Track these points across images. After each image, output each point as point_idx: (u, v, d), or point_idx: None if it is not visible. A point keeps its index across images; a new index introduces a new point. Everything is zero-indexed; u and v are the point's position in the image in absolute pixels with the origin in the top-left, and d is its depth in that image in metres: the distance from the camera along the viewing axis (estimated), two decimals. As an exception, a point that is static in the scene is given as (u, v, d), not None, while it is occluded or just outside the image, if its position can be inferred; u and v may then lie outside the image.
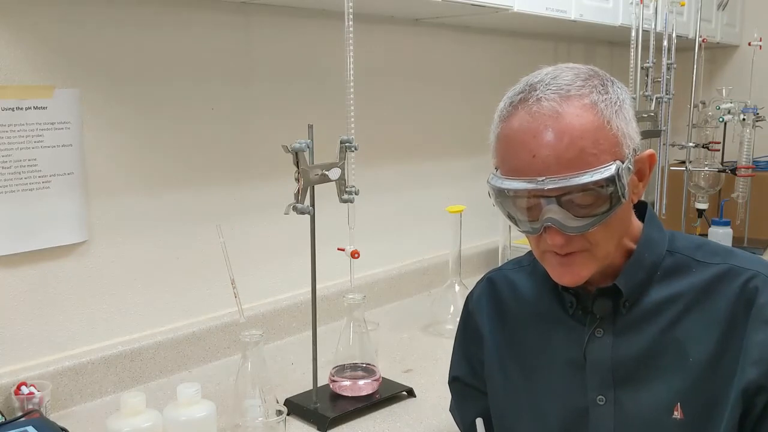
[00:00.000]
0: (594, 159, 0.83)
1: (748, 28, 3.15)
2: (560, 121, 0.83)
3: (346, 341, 1.50)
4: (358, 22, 1.41)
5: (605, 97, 0.85)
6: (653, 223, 0.96)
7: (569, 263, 0.89)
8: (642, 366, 0.91)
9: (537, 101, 0.85)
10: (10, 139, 1.37)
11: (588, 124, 0.83)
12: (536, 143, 0.84)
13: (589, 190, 0.83)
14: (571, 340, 0.96)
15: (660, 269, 0.93)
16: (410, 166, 2.24)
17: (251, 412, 1.27)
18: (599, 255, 0.89)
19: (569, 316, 0.97)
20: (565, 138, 0.83)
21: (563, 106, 0.84)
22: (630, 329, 0.92)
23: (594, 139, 0.83)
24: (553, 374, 0.97)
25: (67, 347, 1.50)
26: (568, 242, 0.86)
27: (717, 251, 0.94)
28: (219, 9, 1.69)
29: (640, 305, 0.92)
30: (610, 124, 0.84)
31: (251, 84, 1.78)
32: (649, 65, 2.35)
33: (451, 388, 1.14)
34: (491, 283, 1.09)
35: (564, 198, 0.84)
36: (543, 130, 0.84)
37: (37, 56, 1.41)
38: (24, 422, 1.23)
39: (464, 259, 1.99)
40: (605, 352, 0.93)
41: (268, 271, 1.85)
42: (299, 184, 1.32)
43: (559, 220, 0.84)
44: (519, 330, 1.02)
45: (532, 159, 0.84)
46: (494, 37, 2.47)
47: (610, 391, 0.92)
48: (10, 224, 1.39)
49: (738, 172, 2.59)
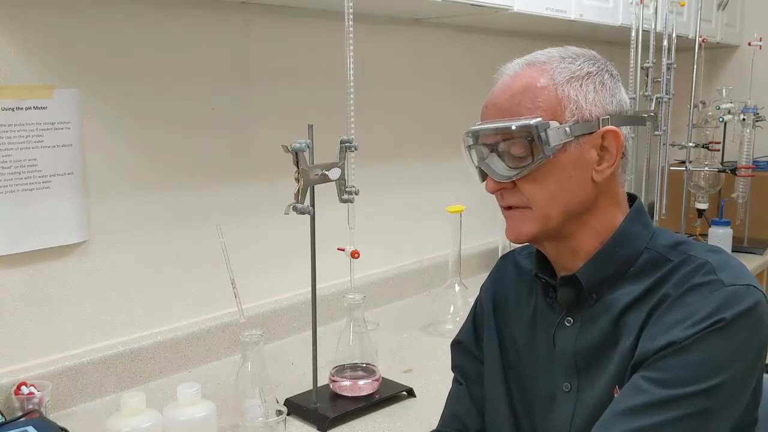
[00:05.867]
0: (527, 112, 0.91)
1: (748, 28, 3.16)
2: (512, 79, 0.94)
3: (346, 341, 1.50)
4: (358, 22, 1.41)
5: (567, 66, 0.93)
6: (636, 219, 0.96)
7: (511, 218, 0.97)
8: (597, 354, 0.93)
9: (500, 73, 0.98)
10: (10, 139, 1.37)
11: (532, 82, 0.92)
12: (490, 97, 0.96)
13: (511, 140, 0.91)
14: (545, 327, 0.99)
15: (634, 265, 0.93)
16: (410, 166, 2.24)
17: (251, 412, 1.27)
18: (537, 214, 0.93)
19: (547, 304, 1.00)
20: (507, 92, 0.94)
21: (523, 69, 0.95)
22: (592, 320, 0.94)
23: (533, 96, 0.92)
24: (531, 359, 1.01)
25: (67, 347, 1.50)
26: (503, 194, 0.95)
27: (691, 248, 0.92)
28: (219, 9, 1.69)
29: (605, 298, 0.93)
30: (556, 88, 0.91)
31: (251, 84, 1.78)
32: (649, 65, 2.35)
33: (452, 349, 1.16)
34: (501, 263, 1.14)
35: (499, 147, 0.93)
36: (497, 87, 0.96)
37: (37, 56, 1.41)
38: (24, 422, 1.23)
39: (464, 259, 1.99)
40: (570, 340, 0.95)
41: (268, 271, 1.85)
42: (299, 184, 1.32)
43: (489, 164, 0.95)
44: (513, 313, 1.06)
45: (484, 109, 0.97)
46: (494, 37, 2.47)
47: (575, 378, 0.95)
48: (10, 224, 1.39)
49: (738, 172, 2.59)
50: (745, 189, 2.66)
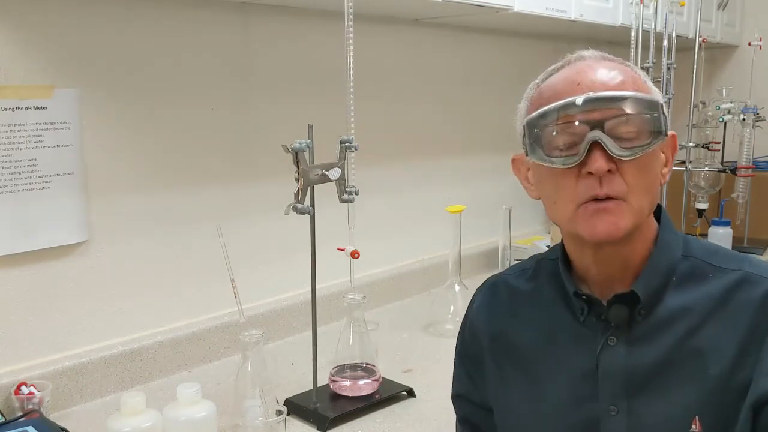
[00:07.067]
0: (644, 89, 0.85)
1: (748, 28, 3.16)
2: (605, 60, 0.88)
3: (346, 341, 1.50)
4: (358, 22, 1.41)
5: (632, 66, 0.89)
6: (668, 225, 0.92)
7: (606, 210, 0.83)
8: (658, 376, 0.87)
9: (579, 58, 0.89)
10: (10, 139, 1.37)
11: (629, 71, 0.87)
12: (580, 76, 0.85)
13: (634, 116, 0.82)
14: (580, 349, 0.91)
15: (676, 274, 0.89)
16: (410, 166, 2.24)
17: (251, 412, 1.27)
18: (635, 206, 0.84)
19: (580, 323, 0.92)
20: (612, 71, 0.85)
21: (604, 56, 0.89)
22: (645, 338, 0.88)
23: (637, 77, 0.87)
24: (560, 384, 0.92)
25: (67, 347, 1.50)
26: (607, 176, 0.82)
27: (732, 257, 0.90)
28: (219, 9, 1.69)
29: (655, 313, 0.88)
30: (645, 82, 0.88)
31: (251, 84, 1.78)
32: (649, 65, 2.35)
33: (455, 404, 1.08)
34: (492, 290, 1.04)
35: (608, 123, 0.82)
36: (587, 68, 0.86)
37: (37, 56, 1.41)
38: (24, 422, 1.23)
39: (464, 259, 1.99)
40: (619, 361, 0.88)
41: (268, 271, 1.85)
42: (299, 184, 1.32)
43: (605, 140, 0.81)
44: (522, 339, 0.97)
45: (576, 87, 0.84)
46: (494, 37, 2.47)
47: (623, 401, 0.88)
48: (10, 224, 1.39)
49: (738, 172, 2.58)
50: (745, 189, 2.66)
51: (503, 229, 2.22)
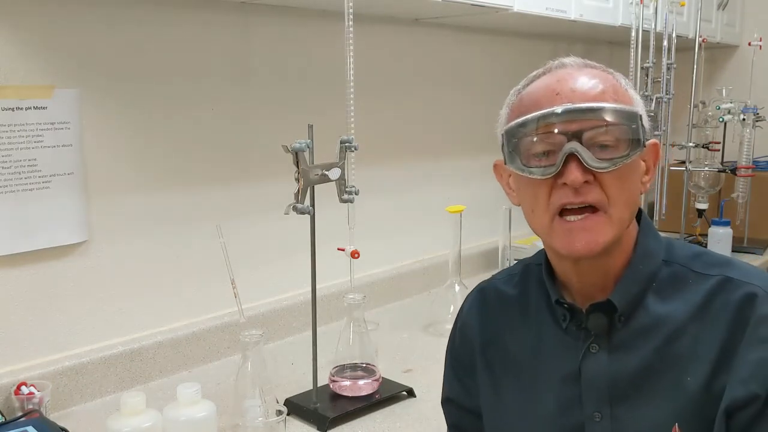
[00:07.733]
0: (624, 99, 0.85)
1: (748, 28, 3.16)
2: (586, 68, 0.87)
3: (346, 341, 1.50)
4: (358, 22, 1.41)
5: (615, 73, 0.89)
6: (649, 231, 0.92)
7: (584, 227, 0.83)
8: (640, 383, 0.87)
9: (560, 66, 0.88)
10: (10, 139, 1.37)
11: (608, 75, 0.87)
12: (560, 85, 0.85)
13: (613, 126, 0.82)
14: (565, 356, 0.92)
15: (656, 280, 0.89)
16: (410, 166, 2.24)
17: (251, 412, 1.27)
18: (615, 218, 0.84)
19: (563, 330, 0.92)
20: (592, 80, 0.85)
21: (585, 64, 0.88)
22: (626, 345, 0.88)
23: (617, 86, 0.86)
24: (547, 389, 0.93)
25: (67, 347, 1.50)
26: (585, 187, 0.82)
27: (715, 262, 0.89)
28: (218, 9, 1.69)
29: (636, 320, 0.88)
30: (627, 91, 0.87)
31: (251, 84, 1.78)
32: (649, 65, 2.35)
33: (444, 408, 1.09)
34: (482, 295, 1.05)
35: (586, 134, 0.82)
36: (568, 76, 0.86)
37: (37, 56, 1.41)
38: (24, 422, 1.22)
39: (464, 259, 1.99)
40: (601, 368, 0.89)
41: (268, 271, 1.85)
42: (299, 184, 1.32)
43: (581, 152, 0.81)
44: (511, 345, 0.98)
45: (555, 96, 0.84)
46: (494, 37, 2.47)
47: (607, 407, 0.88)
48: (10, 224, 1.39)
49: (738, 172, 2.59)
50: (745, 189, 2.66)
51: (503, 229, 2.22)
